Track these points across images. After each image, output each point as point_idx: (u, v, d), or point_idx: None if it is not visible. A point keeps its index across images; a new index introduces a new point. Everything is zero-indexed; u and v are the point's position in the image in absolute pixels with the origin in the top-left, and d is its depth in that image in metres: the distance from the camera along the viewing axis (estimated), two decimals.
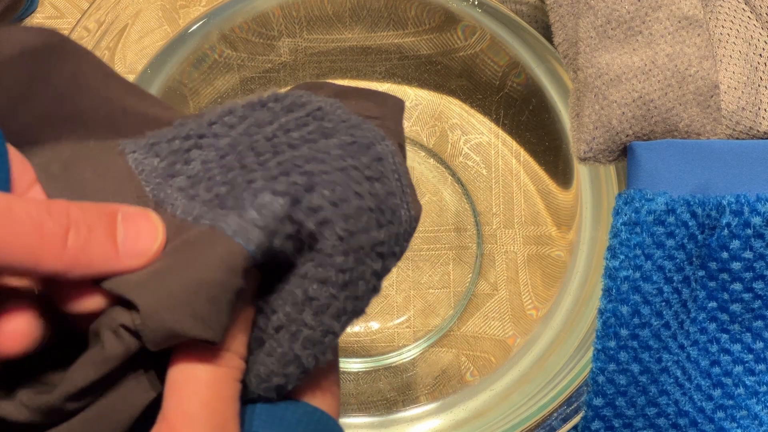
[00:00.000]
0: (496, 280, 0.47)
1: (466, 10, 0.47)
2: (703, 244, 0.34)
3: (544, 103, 0.47)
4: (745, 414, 0.35)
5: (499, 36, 0.47)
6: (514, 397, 0.44)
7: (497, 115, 0.48)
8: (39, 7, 0.52)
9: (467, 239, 0.47)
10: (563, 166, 0.47)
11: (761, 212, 0.33)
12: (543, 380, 0.44)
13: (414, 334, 0.46)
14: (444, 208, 0.47)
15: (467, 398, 0.45)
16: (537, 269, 0.47)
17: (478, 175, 0.48)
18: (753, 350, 0.35)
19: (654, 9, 0.35)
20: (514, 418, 0.42)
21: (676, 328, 0.34)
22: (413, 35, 0.48)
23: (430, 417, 0.45)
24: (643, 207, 0.34)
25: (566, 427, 0.41)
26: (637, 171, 0.35)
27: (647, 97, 0.35)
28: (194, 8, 0.47)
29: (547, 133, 0.47)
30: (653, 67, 0.35)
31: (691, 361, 0.35)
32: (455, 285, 0.47)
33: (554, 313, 0.46)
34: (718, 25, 0.36)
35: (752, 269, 0.34)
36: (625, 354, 0.34)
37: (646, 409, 0.35)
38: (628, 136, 0.35)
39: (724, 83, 0.35)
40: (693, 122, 0.35)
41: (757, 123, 0.35)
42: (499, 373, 0.46)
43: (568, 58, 0.38)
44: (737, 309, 0.35)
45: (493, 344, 0.46)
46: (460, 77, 0.48)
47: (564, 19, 0.38)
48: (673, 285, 0.34)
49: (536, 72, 0.47)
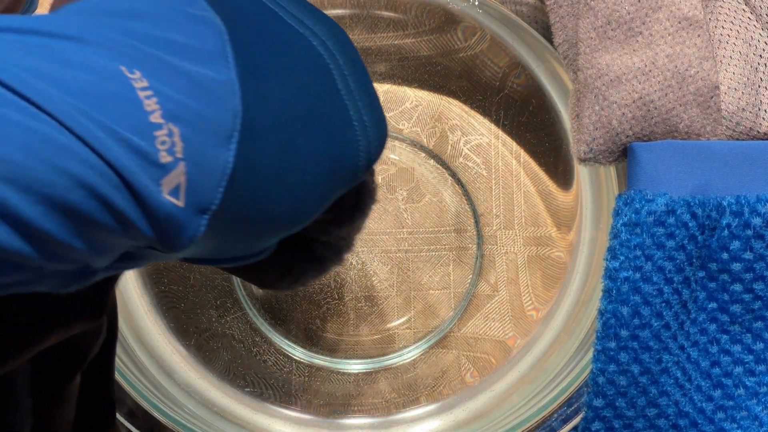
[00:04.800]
0: (496, 281, 0.47)
1: (466, 10, 0.47)
2: (703, 245, 0.34)
3: (544, 104, 0.47)
4: (746, 415, 0.35)
5: (500, 37, 0.47)
6: (514, 398, 0.44)
7: (497, 116, 0.48)
8: (39, 8, 0.52)
9: (467, 240, 0.47)
10: (563, 167, 0.47)
11: (761, 213, 0.33)
12: (543, 381, 0.44)
13: (414, 335, 0.46)
14: (444, 209, 0.47)
15: (467, 399, 0.45)
16: (537, 270, 0.47)
17: (478, 176, 0.48)
18: (753, 351, 0.35)
19: (654, 10, 0.35)
20: (514, 419, 0.42)
21: (677, 329, 0.34)
22: (413, 36, 0.48)
23: (430, 418, 0.45)
24: (644, 208, 0.34)
25: (566, 427, 0.41)
26: (637, 172, 0.35)
27: (647, 98, 0.35)
28: None
29: (547, 134, 0.47)
30: (653, 67, 0.35)
31: (692, 362, 0.35)
32: (455, 286, 0.47)
33: (554, 314, 0.46)
34: (718, 25, 0.36)
35: (752, 270, 0.34)
36: (626, 355, 0.34)
37: (647, 409, 0.35)
38: (628, 137, 0.35)
39: (725, 84, 0.35)
40: (693, 123, 0.35)
41: (757, 124, 0.35)
42: (499, 373, 0.46)
43: (568, 59, 0.38)
44: (737, 310, 0.34)
45: (493, 345, 0.46)
46: (460, 78, 0.48)
47: (564, 20, 0.38)
48: (674, 286, 0.34)
49: (536, 73, 0.47)
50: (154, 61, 0.23)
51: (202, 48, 0.24)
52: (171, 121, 0.22)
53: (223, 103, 0.24)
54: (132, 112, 0.21)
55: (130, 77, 0.22)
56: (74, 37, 0.22)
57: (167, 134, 0.22)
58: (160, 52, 0.23)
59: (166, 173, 0.22)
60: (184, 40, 0.24)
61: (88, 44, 0.22)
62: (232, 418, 0.44)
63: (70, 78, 0.21)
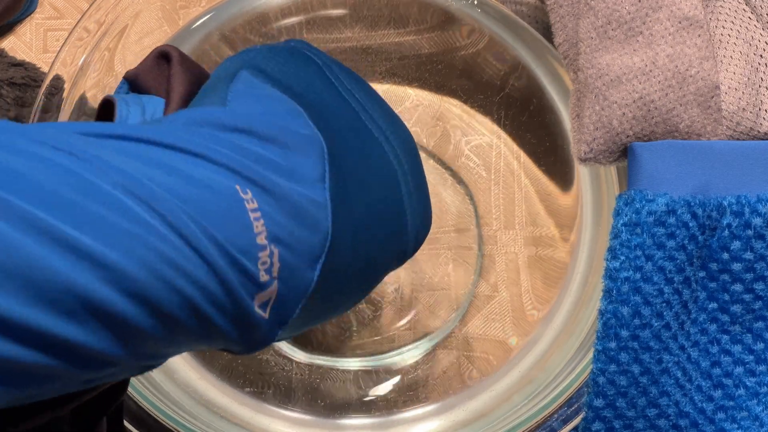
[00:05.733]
0: (496, 281, 0.47)
1: (467, 10, 0.47)
2: (703, 245, 0.34)
3: (545, 103, 0.47)
4: (746, 415, 0.35)
5: (500, 36, 0.47)
6: (514, 398, 0.44)
7: (498, 115, 0.48)
8: (39, 8, 0.52)
9: (468, 240, 0.47)
10: (563, 167, 0.47)
11: (762, 213, 0.33)
12: (543, 381, 0.44)
13: (414, 335, 0.46)
14: (445, 210, 0.47)
15: (468, 399, 0.45)
16: (537, 270, 0.47)
17: (479, 176, 0.48)
18: (754, 351, 0.35)
19: (654, 9, 0.35)
20: (514, 419, 0.42)
21: (677, 329, 0.34)
22: (414, 35, 0.48)
23: (430, 418, 0.45)
24: (644, 208, 0.34)
25: (567, 428, 0.41)
26: (637, 172, 0.35)
27: (648, 97, 0.35)
28: (194, 9, 0.47)
29: (548, 134, 0.47)
30: (654, 67, 0.35)
31: (692, 362, 0.35)
32: (456, 286, 0.47)
33: (555, 314, 0.46)
34: (719, 25, 0.36)
35: (753, 270, 0.34)
36: (626, 355, 0.34)
37: (647, 410, 0.35)
38: (628, 137, 0.35)
39: (725, 84, 0.35)
40: (694, 123, 0.35)
41: (757, 124, 0.35)
42: (499, 374, 0.46)
43: (569, 59, 0.38)
44: (738, 310, 0.34)
45: (493, 345, 0.46)
46: (461, 77, 0.48)
47: (564, 20, 0.38)
48: (674, 286, 0.34)
49: (536, 73, 0.47)
50: (264, 181, 0.24)
51: (306, 168, 0.25)
52: (273, 242, 0.23)
53: (317, 226, 0.25)
54: (243, 234, 0.23)
55: (243, 198, 0.23)
56: (197, 152, 0.23)
57: (269, 255, 0.23)
58: (269, 172, 0.24)
59: (262, 290, 0.23)
60: (292, 160, 0.25)
61: (209, 161, 0.23)
62: (232, 418, 0.44)
63: (194, 194, 0.22)
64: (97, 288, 0.19)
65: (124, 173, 0.21)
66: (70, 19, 0.52)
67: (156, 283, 0.20)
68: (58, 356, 0.19)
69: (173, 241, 0.21)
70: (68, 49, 0.44)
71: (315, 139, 0.27)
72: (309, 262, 0.25)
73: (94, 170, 0.20)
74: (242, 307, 0.23)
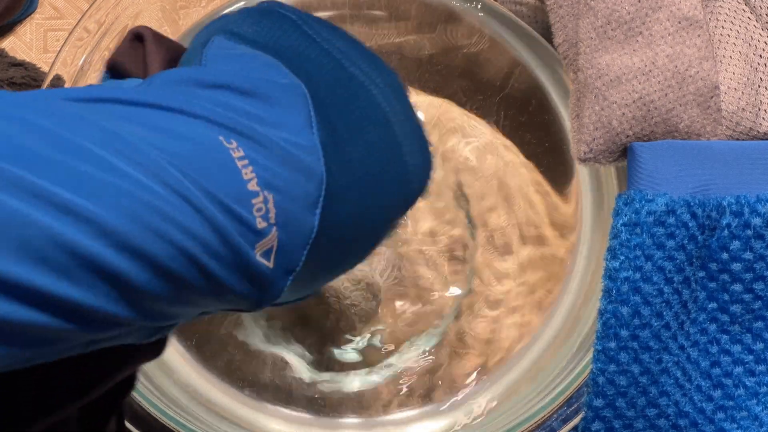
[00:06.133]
0: (495, 281, 0.47)
1: (467, 10, 0.47)
2: (703, 245, 0.34)
3: (544, 104, 0.47)
4: (746, 415, 0.35)
5: (500, 37, 0.47)
6: (514, 398, 0.44)
7: (498, 116, 0.48)
8: (39, 8, 0.52)
9: (467, 240, 0.47)
10: (563, 167, 0.47)
11: (761, 213, 0.33)
12: (543, 381, 0.44)
13: (412, 335, 0.46)
14: (444, 210, 0.47)
15: (467, 399, 0.45)
16: (537, 270, 0.47)
17: (478, 176, 0.48)
18: (753, 351, 0.35)
19: (654, 10, 0.35)
20: (514, 419, 0.42)
21: (677, 329, 0.34)
22: (414, 35, 0.48)
23: (429, 418, 0.45)
24: (644, 208, 0.34)
25: (567, 428, 0.41)
26: (637, 172, 0.35)
27: (647, 98, 0.35)
28: (194, 9, 0.47)
29: (548, 134, 0.47)
30: (653, 67, 0.35)
31: (692, 362, 0.35)
32: (453, 286, 0.47)
33: (554, 314, 0.46)
34: (718, 25, 0.36)
35: (752, 270, 0.34)
36: (626, 355, 0.34)
37: (647, 410, 0.35)
38: (628, 137, 0.35)
39: (724, 84, 0.35)
40: (693, 123, 0.35)
41: (757, 124, 0.35)
42: (498, 374, 0.46)
43: (568, 59, 0.38)
44: (737, 310, 0.34)
45: (492, 345, 0.46)
46: (461, 78, 0.48)
47: (564, 20, 0.38)
48: (674, 286, 0.34)
49: (536, 73, 0.47)
50: (249, 131, 0.24)
51: (290, 116, 0.26)
52: (266, 188, 0.23)
53: (310, 171, 0.25)
54: (232, 181, 0.23)
55: (228, 147, 0.23)
56: (176, 108, 0.23)
57: (263, 201, 0.23)
58: (252, 122, 0.24)
59: (261, 238, 0.23)
60: (274, 110, 0.25)
61: (189, 115, 0.23)
62: (232, 418, 0.44)
63: (178, 147, 0.22)
64: (86, 243, 0.19)
65: (104, 130, 0.21)
66: (70, 19, 0.52)
67: (147, 235, 0.20)
68: (56, 315, 0.19)
69: (160, 192, 0.21)
70: (68, 49, 0.44)
71: (296, 87, 0.27)
72: (307, 207, 0.25)
73: (74, 129, 0.20)
74: (242, 257, 0.23)
